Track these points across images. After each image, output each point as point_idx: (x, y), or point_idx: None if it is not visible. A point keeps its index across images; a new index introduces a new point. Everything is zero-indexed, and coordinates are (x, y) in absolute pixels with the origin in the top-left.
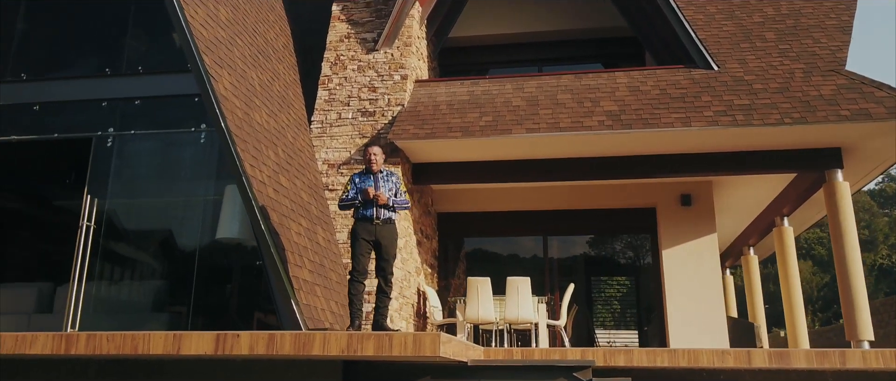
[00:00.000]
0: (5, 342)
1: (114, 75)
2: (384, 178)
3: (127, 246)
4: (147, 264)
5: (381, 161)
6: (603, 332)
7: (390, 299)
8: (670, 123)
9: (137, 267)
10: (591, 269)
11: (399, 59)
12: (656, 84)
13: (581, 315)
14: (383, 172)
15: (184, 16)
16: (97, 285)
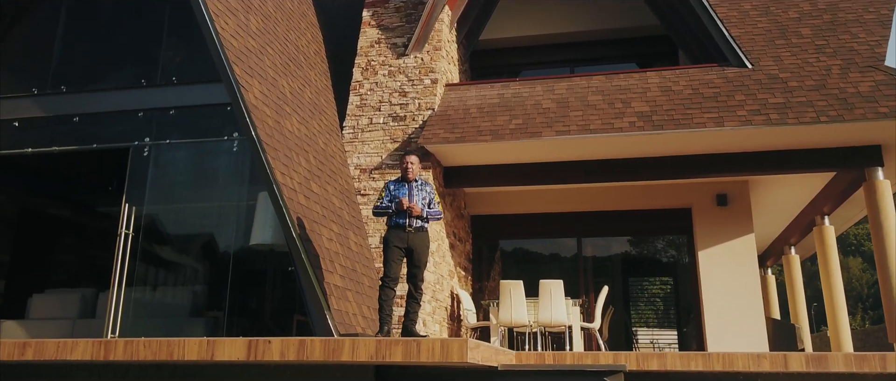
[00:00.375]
0: (48, 348)
1: (149, 86)
2: (419, 187)
3: (164, 252)
4: (184, 270)
5: (417, 170)
6: (642, 333)
7: (420, 305)
8: (703, 123)
9: (175, 273)
10: (628, 270)
11: (429, 64)
12: (689, 84)
13: (618, 317)
14: (418, 182)
15: (214, 27)
16: (137, 291)
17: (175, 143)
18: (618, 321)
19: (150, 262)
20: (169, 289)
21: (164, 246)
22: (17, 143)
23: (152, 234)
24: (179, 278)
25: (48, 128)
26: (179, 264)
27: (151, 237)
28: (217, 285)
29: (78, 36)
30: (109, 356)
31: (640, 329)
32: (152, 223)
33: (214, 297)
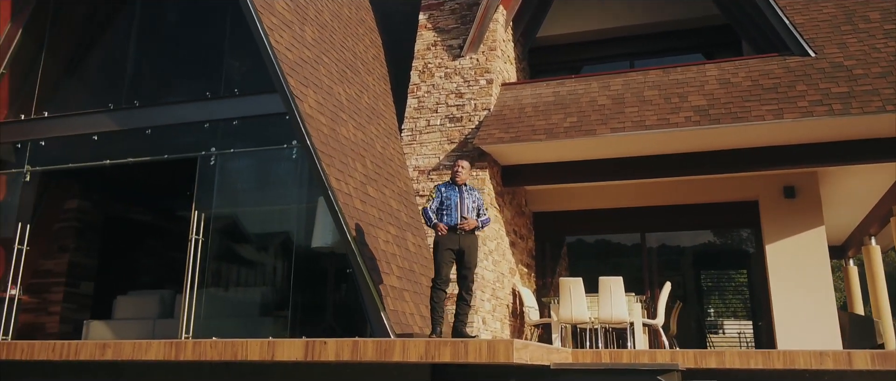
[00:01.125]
0: (125, 349)
1: (214, 98)
2: (468, 191)
3: (233, 256)
4: (252, 272)
5: (466, 175)
6: (714, 328)
7: (470, 307)
8: (761, 115)
9: (243, 274)
10: (697, 263)
11: (484, 64)
12: (748, 75)
13: (688, 311)
14: (467, 186)
15: (268, 41)
16: (208, 293)
17: (239, 152)
18: (688, 316)
19: (219, 265)
20: (238, 290)
21: (233, 250)
22: (97, 156)
23: (221, 238)
24: (247, 279)
25: (124, 141)
26: (247, 266)
27: (220, 242)
28: (283, 285)
29: (148, 53)
30: (180, 356)
31: (712, 324)
32: (221, 228)
33: (281, 297)
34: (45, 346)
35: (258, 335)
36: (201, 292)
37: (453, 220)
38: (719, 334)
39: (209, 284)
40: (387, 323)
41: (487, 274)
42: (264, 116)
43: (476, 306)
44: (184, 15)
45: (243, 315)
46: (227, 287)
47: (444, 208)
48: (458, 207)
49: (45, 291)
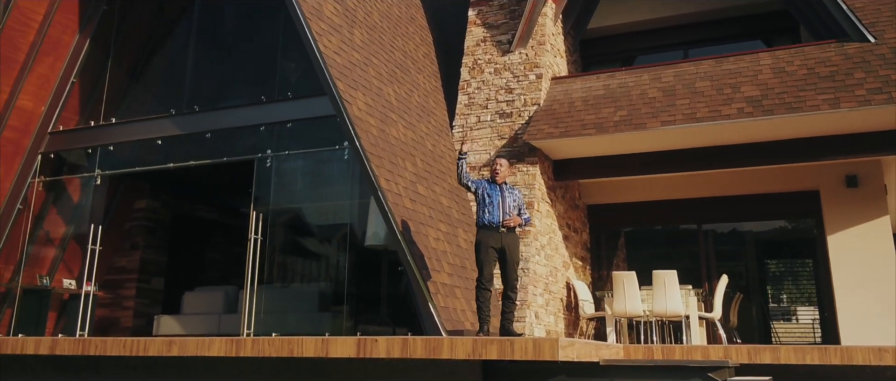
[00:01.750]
0: (189, 346)
1: (268, 102)
2: (509, 189)
3: (290, 254)
4: (309, 269)
5: (505, 173)
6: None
7: (516, 304)
8: (816, 105)
9: (301, 272)
10: (759, 253)
11: (533, 59)
12: (803, 63)
13: (749, 302)
14: (507, 185)
15: (317, 46)
16: (268, 289)
17: (293, 153)
18: (750, 308)
19: (278, 262)
20: (296, 286)
21: (290, 248)
22: (162, 159)
23: (279, 237)
24: (305, 275)
25: (186, 144)
26: (304, 263)
27: (278, 240)
28: (339, 281)
29: (206, 59)
30: (240, 352)
31: (776, 315)
32: (278, 227)
33: (337, 292)
34: (116, 342)
35: (316, 329)
36: (261, 289)
37: (495, 219)
38: (783, 325)
39: (269, 281)
40: (437, 320)
41: (540, 269)
42: (317, 118)
43: (528, 300)
44: (239, 22)
45: (302, 310)
46: (286, 284)
47: (485, 206)
48: (499, 205)
49: (119, 287)
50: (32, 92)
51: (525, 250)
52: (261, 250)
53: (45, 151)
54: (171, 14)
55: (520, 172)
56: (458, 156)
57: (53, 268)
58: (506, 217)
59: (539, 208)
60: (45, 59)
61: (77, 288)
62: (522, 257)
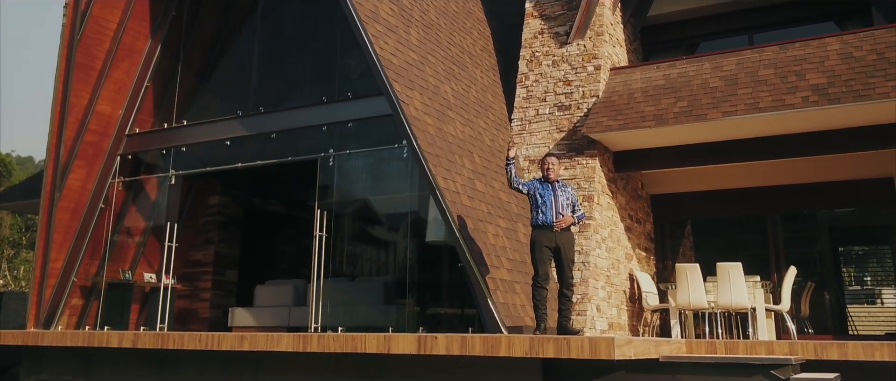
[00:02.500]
0: (259, 341)
1: (329, 102)
2: (561, 187)
3: (354, 250)
4: (372, 264)
5: (557, 171)
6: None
7: (573, 302)
8: (886, 92)
9: (365, 267)
10: (833, 240)
11: (591, 50)
12: (873, 48)
13: (822, 291)
14: (560, 183)
15: (374, 49)
16: (334, 283)
17: (354, 152)
18: (823, 297)
19: (342, 258)
20: (361, 281)
21: (354, 244)
22: (230, 159)
23: (342, 234)
24: (369, 271)
25: (252, 144)
26: (368, 258)
27: (342, 237)
28: (401, 276)
29: (269, 61)
30: (307, 348)
31: (853, 302)
32: (341, 225)
33: (400, 288)
34: (192, 337)
35: (380, 322)
36: (327, 284)
37: (549, 218)
38: (861, 314)
39: (335, 275)
40: (497, 316)
41: (601, 262)
42: (376, 118)
43: (589, 294)
44: (300, 23)
45: (367, 304)
46: (351, 278)
47: (538, 206)
48: (552, 205)
49: (196, 279)
50: (110, 97)
51: (585, 243)
52: (326, 245)
53: (124, 152)
54: (236, 18)
55: (579, 165)
56: (506, 162)
57: (135, 263)
58: (559, 217)
59: (599, 201)
60: (120, 65)
61: (157, 281)
62: (582, 250)
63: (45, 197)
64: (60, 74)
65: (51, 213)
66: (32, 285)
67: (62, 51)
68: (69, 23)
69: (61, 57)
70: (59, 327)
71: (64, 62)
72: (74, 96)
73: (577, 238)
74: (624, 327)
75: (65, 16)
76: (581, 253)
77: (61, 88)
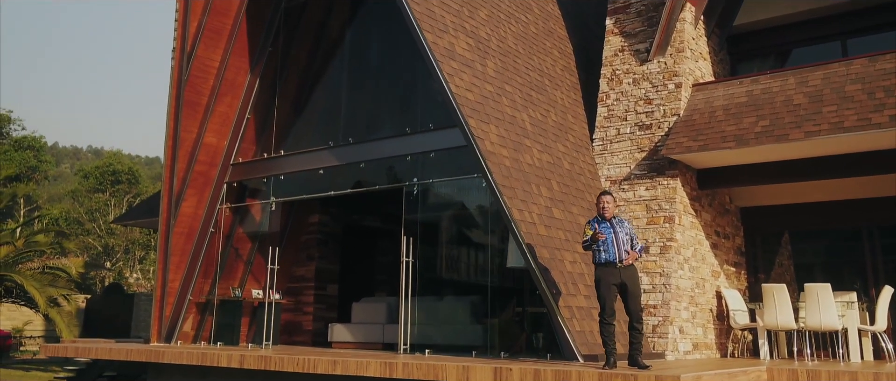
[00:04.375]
0: (350, 366)
1: (412, 133)
2: (618, 223)
3: (439, 274)
4: (455, 288)
5: (612, 209)
6: None
7: (643, 334)
8: None
9: (449, 290)
10: None
11: (672, 67)
12: None
13: None
14: (616, 219)
15: (448, 87)
16: (421, 306)
17: (437, 181)
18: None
19: (428, 282)
20: (445, 304)
21: (438, 269)
22: (324, 187)
23: (428, 258)
24: (453, 293)
25: (343, 173)
26: (451, 283)
27: (427, 261)
28: (482, 300)
29: (357, 94)
30: (393, 374)
31: None
32: (427, 250)
33: (482, 310)
34: (291, 360)
35: (465, 340)
36: (415, 305)
37: (612, 256)
38: None
39: (422, 297)
40: (572, 344)
41: (683, 282)
42: (456, 148)
43: (671, 316)
44: (384, 56)
45: (452, 323)
46: (437, 301)
47: (601, 245)
48: (614, 242)
49: (300, 294)
50: (215, 129)
51: (666, 265)
52: (412, 270)
53: (229, 180)
54: (326, 52)
55: (660, 185)
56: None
57: (243, 280)
58: (625, 254)
59: (681, 221)
60: (224, 99)
61: (263, 298)
62: (664, 272)
63: (162, 224)
64: (171, 111)
65: (168, 238)
66: (154, 304)
67: (172, 91)
68: (177, 65)
69: (171, 96)
70: (178, 341)
71: (173, 101)
72: (184, 131)
73: (659, 260)
74: (711, 346)
75: (173, 59)
76: (662, 275)
77: (172, 124)
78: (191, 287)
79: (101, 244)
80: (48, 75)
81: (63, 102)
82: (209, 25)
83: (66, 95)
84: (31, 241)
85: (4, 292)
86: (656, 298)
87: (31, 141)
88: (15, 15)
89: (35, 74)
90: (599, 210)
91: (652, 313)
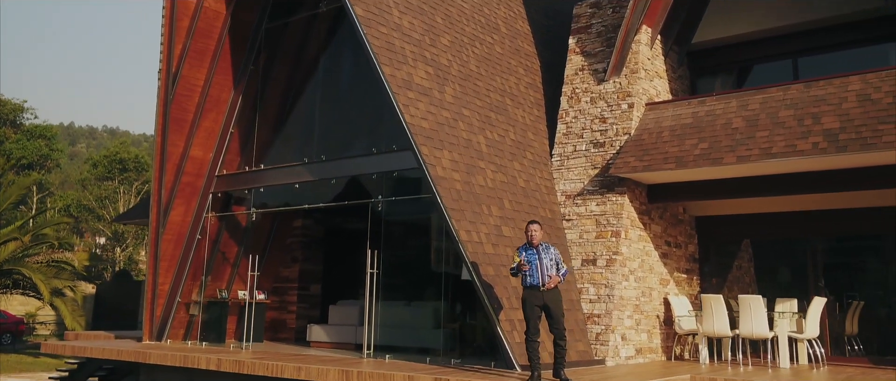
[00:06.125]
0: (313, 372)
1: (378, 153)
2: (544, 249)
3: (400, 286)
4: (414, 298)
5: (539, 236)
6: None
7: (566, 350)
8: (892, 141)
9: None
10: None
11: (626, 88)
12: (891, 90)
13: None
14: (542, 245)
15: (403, 116)
16: (384, 312)
17: (399, 199)
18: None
19: (390, 292)
20: (408, 310)
21: (402, 279)
22: (299, 200)
23: (392, 270)
24: (414, 301)
25: (316, 189)
26: (411, 293)
27: (390, 274)
28: (437, 310)
29: (329, 114)
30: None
31: None
32: (389, 263)
33: (436, 319)
34: (263, 365)
35: (426, 343)
36: (379, 312)
37: (536, 280)
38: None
39: (386, 305)
40: (512, 356)
41: (627, 293)
42: (415, 169)
43: (613, 325)
44: (354, 80)
45: (411, 329)
46: (399, 309)
47: (527, 271)
48: (538, 267)
49: (285, 293)
50: (201, 143)
51: (611, 277)
52: (377, 280)
53: (214, 191)
54: (303, 73)
55: (609, 201)
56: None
57: (230, 282)
58: (546, 279)
59: (628, 235)
60: (208, 115)
61: (248, 299)
62: (608, 284)
63: (152, 231)
64: (158, 127)
65: (157, 245)
66: (145, 305)
67: (159, 108)
68: (163, 85)
69: (158, 114)
70: (168, 340)
71: (161, 118)
72: (171, 146)
73: (604, 272)
74: (657, 350)
75: (159, 80)
76: (607, 286)
77: (160, 139)
78: (180, 290)
79: (111, 230)
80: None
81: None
82: (193, 47)
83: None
84: (39, 234)
85: (13, 285)
86: (600, 308)
87: (43, 130)
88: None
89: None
90: (528, 238)
91: (596, 322)
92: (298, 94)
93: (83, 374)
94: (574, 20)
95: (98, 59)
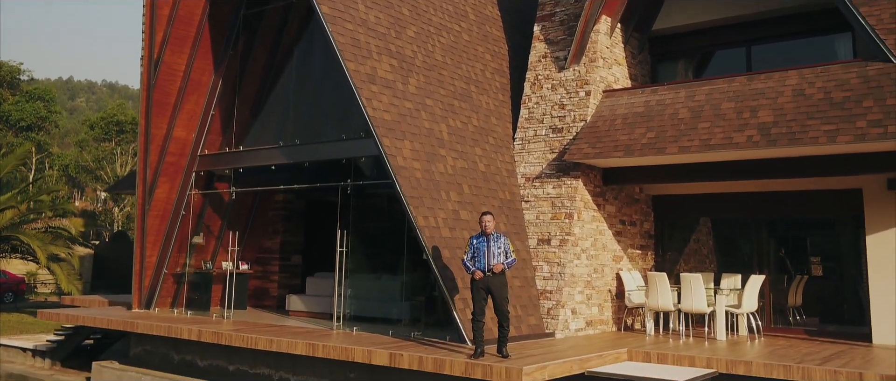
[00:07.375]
0: (283, 344)
1: (347, 139)
2: (494, 239)
3: (366, 263)
4: (380, 274)
5: (491, 227)
6: None
7: (508, 330)
8: (816, 137)
9: (375, 276)
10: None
11: (584, 76)
12: (823, 86)
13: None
14: (494, 235)
15: (366, 110)
16: (353, 287)
17: (368, 183)
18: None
19: (358, 269)
20: (375, 285)
21: (366, 259)
22: (274, 181)
23: (360, 249)
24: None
25: (291, 171)
26: (376, 270)
27: (358, 253)
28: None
29: (303, 100)
30: (315, 353)
31: None
32: (358, 243)
33: (399, 294)
34: (239, 337)
35: (388, 317)
36: (348, 286)
37: (481, 265)
38: None
39: (355, 279)
40: (463, 332)
41: (579, 270)
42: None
43: (563, 300)
44: (325, 68)
45: (378, 301)
46: (367, 283)
47: (475, 256)
48: (485, 255)
49: (267, 263)
50: (184, 124)
51: (563, 256)
52: (346, 258)
53: (197, 169)
54: (280, 59)
55: (564, 185)
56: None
57: (214, 254)
58: (490, 265)
59: (581, 217)
60: (190, 98)
61: (234, 269)
62: (560, 262)
63: (138, 208)
64: (142, 110)
65: (144, 220)
66: (134, 276)
67: (142, 94)
68: (146, 71)
69: (142, 98)
70: (155, 308)
71: (144, 102)
72: (155, 128)
73: (557, 252)
74: (607, 322)
75: (142, 66)
76: (559, 265)
77: (144, 122)
78: (166, 262)
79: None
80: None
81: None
82: (174, 33)
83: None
84: (37, 199)
85: (11, 249)
86: (552, 285)
87: (42, 92)
88: None
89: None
90: (481, 228)
91: (548, 298)
92: (275, 78)
93: (79, 337)
94: (539, 8)
95: (96, 14)
